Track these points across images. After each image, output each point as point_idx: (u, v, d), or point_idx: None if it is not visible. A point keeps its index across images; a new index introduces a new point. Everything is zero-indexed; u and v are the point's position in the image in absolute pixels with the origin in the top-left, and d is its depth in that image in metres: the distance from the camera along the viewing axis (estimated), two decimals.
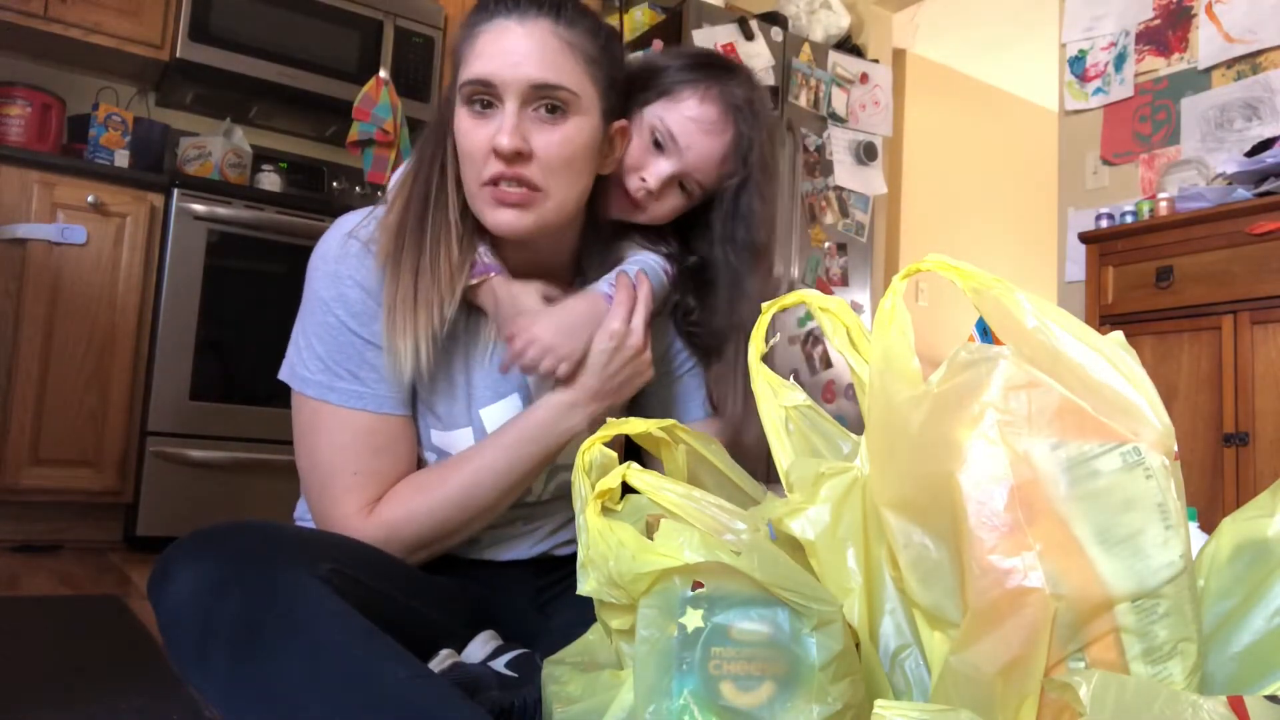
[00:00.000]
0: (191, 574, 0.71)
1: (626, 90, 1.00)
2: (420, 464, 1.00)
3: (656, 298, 1.05)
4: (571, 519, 1.09)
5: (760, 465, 0.97)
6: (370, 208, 0.98)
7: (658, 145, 1.02)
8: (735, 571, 0.60)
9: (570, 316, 0.96)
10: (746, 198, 1.05)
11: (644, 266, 1.04)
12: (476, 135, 0.90)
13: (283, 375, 0.97)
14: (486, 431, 0.99)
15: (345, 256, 0.94)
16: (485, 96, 0.89)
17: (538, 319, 0.95)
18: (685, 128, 1.02)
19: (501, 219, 0.91)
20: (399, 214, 0.94)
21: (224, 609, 0.69)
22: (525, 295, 0.97)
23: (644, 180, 1.02)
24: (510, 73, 0.88)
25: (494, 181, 0.90)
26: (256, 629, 0.68)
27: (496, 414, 1.00)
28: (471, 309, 0.99)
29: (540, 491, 1.04)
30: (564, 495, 1.07)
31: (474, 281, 0.95)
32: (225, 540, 0.74)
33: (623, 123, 1.00)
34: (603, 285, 1.00)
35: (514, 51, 0.89)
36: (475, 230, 0.96)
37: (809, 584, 0.61)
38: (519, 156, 0.89)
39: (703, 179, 1.04)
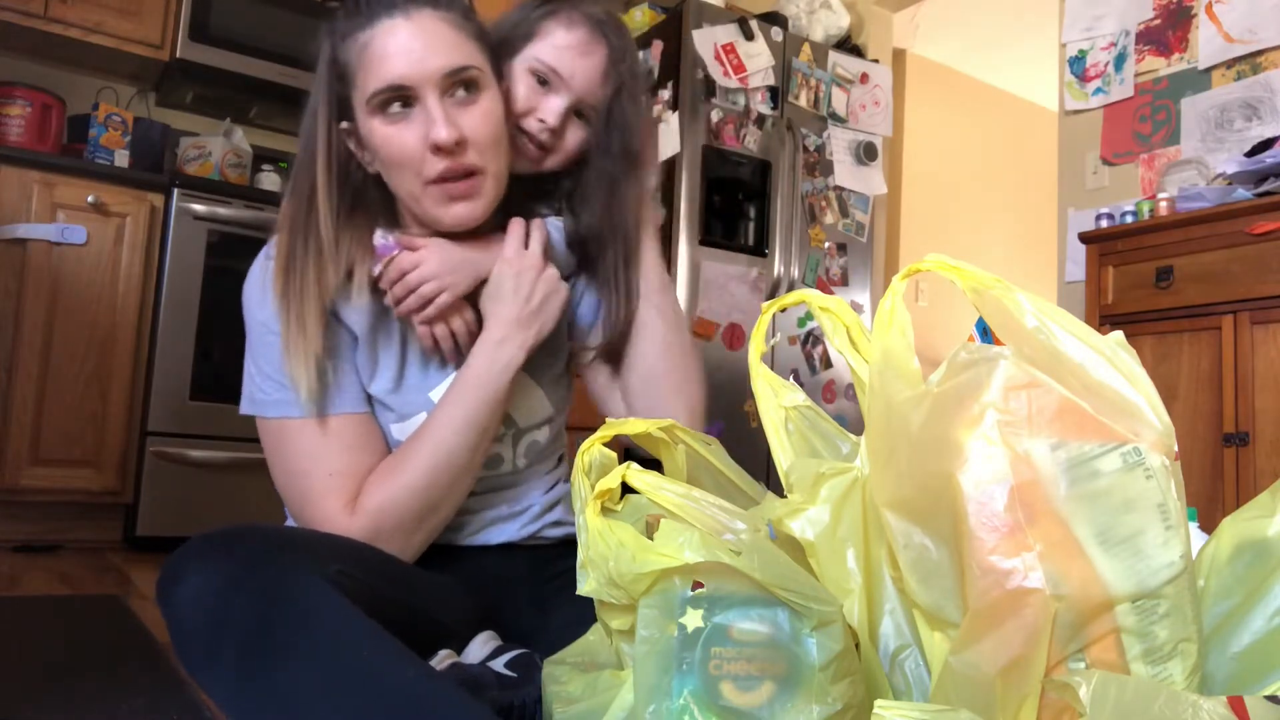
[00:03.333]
0: (200, 576, 0.71)
1: (496, 53, 1.01)
2: None
3: (559, 258, 1.07)
4: (559, 500, 1.11)
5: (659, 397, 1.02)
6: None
7: (543, 84, 1.04)
8: (735, 571, 0.60)
9: (459, 251, 0.98)
10: (619, 106, 1.06)
11: (549, 224, 1.07)
12: (405, 139, 0.91)
13: (244, 410, 0.98)
14: None
15: (267, 279, 0.95)
16: (400, 99, 0.90)
17: (429, 250, 0.96)
18: (562, 57, 1.03)
19: (457, 213, 0.94)
20: (282, 252, 0.95)
21: (233, 611, 0.69)
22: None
23: (543, 120, 1.03)
24: (420, 68, 0.89)
25: (441, 179, 0.91)
26: (266, 630, 0.68)
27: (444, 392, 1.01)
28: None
29: (512, 458, 1.06)
30: (538, 462, 1.09)
31: (377, 269, 0.96)
32: (233, 543, 0.75)
33: (505, 84, 1.01)
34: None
35: (414, 47, 0.90)
36: (353, 244, 0.96)
37: (809, 584, 0.61)
38: (459, 145, 0.90)
39: (594, 101, 1.06)
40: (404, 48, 0.89)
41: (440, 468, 0.94)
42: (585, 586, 0.67)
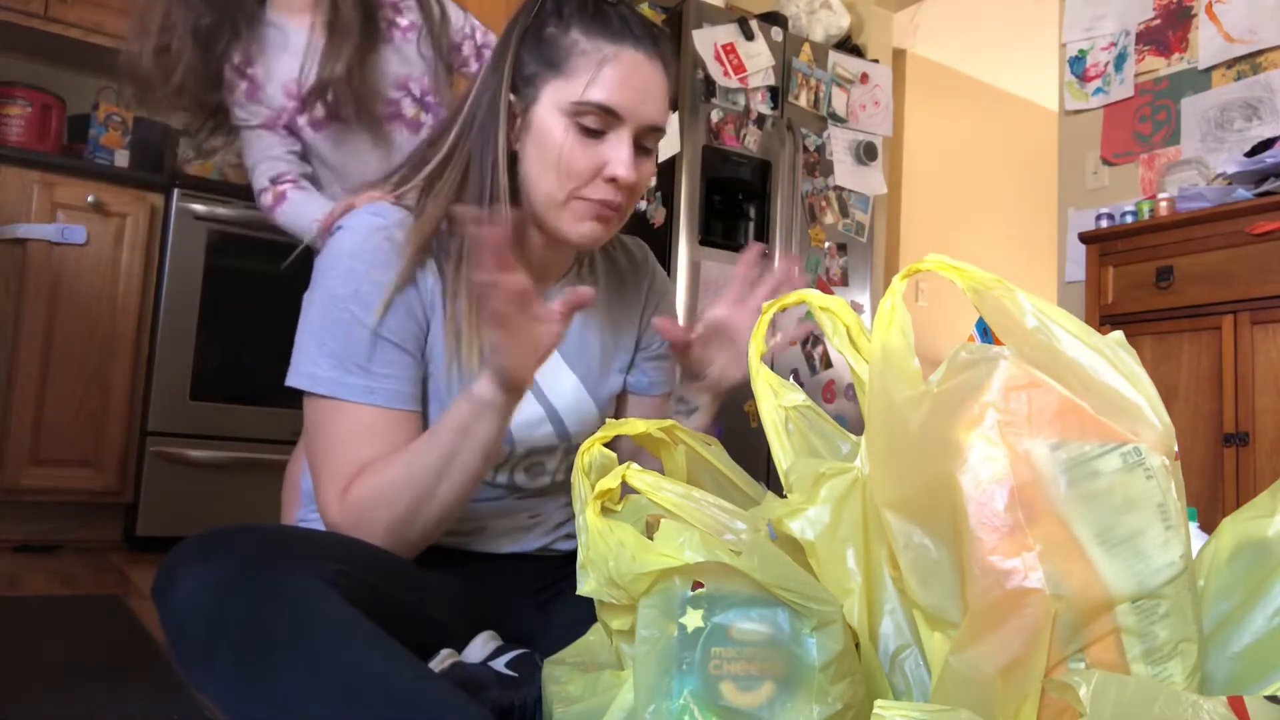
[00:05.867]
0: (197, 577, 0.71)
1: None
2: None
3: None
4: (574, 514, 1.09)
5: None
6: (384, 204, 0.96)
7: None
8: (735, 571, 0.60)
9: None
10: None
11: None
12: (586, 157, 0.92)
13: (291, 380, 0.95)
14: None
15: (363, 253, 0.92)
16: (602, 121, 0.92)
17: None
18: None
19: (590, 231, 0.95)
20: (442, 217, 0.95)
21: (230, 612, 0.69)
22: None
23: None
24: (637, 108, 0.92)
25: (599, 203, 0.94)
26: (263, 631, 0.68)
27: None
28: None
29: (554, 470, 1.05)
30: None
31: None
32: (230, 543, 0.74)
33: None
34: None
35: (644, 90, 0.93)
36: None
37: (809, 584, 0.61)
38: (628, 187, 0.94)
39: None
40: (637, 85, 0.93)
41: (431, 469, 0.90)
42: (585, 587, 0.67)
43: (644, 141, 0.95)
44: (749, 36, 3.14)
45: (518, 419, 1.00)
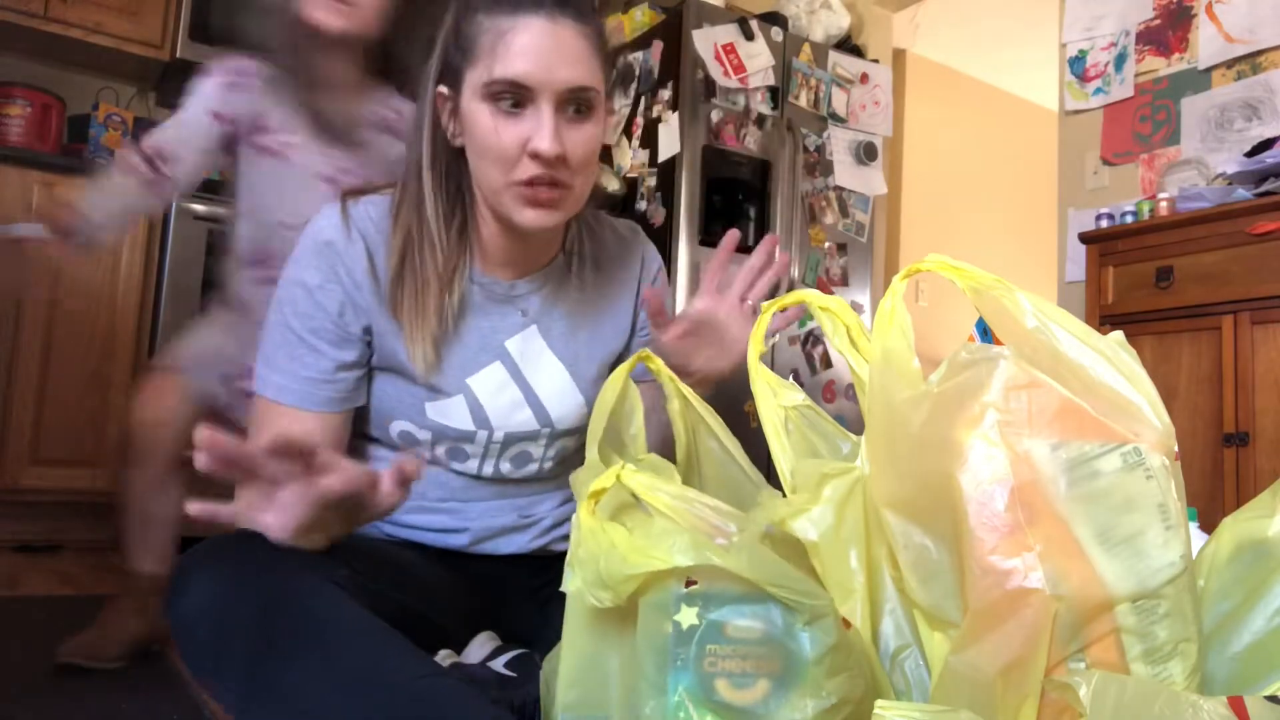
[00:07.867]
0: (207, 582, 0.71)
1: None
2: (406, 438, 0.99)
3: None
4: (570, 515, 1.09)
5: None
6: (333, 211, 0.97)
7: None
8: (725, 572, 0.60)
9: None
10: None
11: None
12: (508, 135, 0.88)
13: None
14: (478, 399, 0.99)
15: (307, 259, 0.94)
16: (516, 96, 0.88)
17: None
18: None
19: (532, 218, 0.91)
20: (398, 236, 0.95)
21: (240, 615, 0.69)
22: None
23: None
24: (547, 75, 0.87)
25: (529, 184, 0.89)
26: (274, 634, 0.68)
27: (483, 381, 0.99)
28: None
29: (541, 458, 1.04)
30: (562, 472, 1.07)
31: None
32: (239, 548, 0.74)
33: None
34: None
35: (548, 53, 0.87)
36: (459, 231, 0.97)
37: (798, 579, 0.61)
38: (558, 160, 0.88)
39: None
40: (538, 49, 0.87)
41: None
42: (570, 584, 0.66)
43: (572, 107, 0.89)
44: (749, 36, 3.14)
45: (494, 403, 1.00)
